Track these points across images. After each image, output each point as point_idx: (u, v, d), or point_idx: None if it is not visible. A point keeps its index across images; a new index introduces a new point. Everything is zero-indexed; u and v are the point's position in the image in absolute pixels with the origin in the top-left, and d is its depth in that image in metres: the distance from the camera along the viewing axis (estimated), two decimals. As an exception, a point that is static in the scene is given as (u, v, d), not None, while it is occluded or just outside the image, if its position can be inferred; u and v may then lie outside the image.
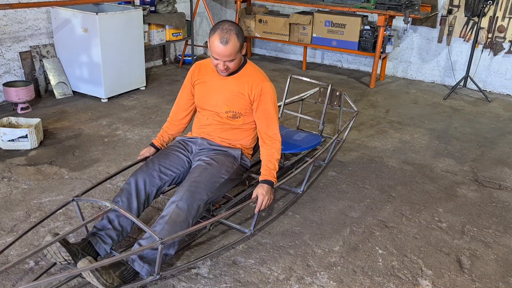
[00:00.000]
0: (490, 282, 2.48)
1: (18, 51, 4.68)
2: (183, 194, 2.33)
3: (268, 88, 2.53)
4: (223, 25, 2.34)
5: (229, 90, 2.54)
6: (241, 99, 2.54)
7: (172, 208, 2.29)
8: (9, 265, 1.88)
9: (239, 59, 2.47)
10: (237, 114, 2.57)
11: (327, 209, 3.08)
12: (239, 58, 2.46)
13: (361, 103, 5.24)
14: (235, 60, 2.42)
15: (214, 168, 2.48)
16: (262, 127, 2.59)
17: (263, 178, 2.54)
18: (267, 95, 2.52)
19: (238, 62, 2.46)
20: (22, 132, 3.64)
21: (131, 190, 2.43)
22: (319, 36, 6.14)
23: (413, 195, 3.32)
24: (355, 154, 3.94)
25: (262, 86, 2.51)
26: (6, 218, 2.82)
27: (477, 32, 5.46)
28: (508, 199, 3.33)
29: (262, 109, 2.55)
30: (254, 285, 2.37)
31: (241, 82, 2.52)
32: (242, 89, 2.52)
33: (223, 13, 7.42)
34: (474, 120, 4.89)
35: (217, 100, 2.57)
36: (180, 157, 2.62)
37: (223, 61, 2.39)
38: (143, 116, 4.54)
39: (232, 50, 2.34)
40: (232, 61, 2.40)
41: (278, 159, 2.59)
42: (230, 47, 2.33)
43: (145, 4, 5.55)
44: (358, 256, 2.63)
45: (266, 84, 2.52)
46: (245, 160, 2.71)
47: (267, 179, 2.54)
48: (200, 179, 2.41)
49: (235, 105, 2.55)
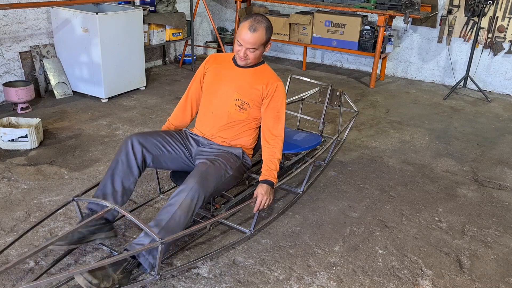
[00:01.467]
0: (490, 282, 2.48)
1: (18, 51, 4.68)
2: (193, 183, 2.29)
3: (282, 88, 2.60)
4: (256, 16, 2.44)
5: (243, 80, 2.57)
6: (253, 90, 2.56)
7: (182, 197, 2.26)
8: (9, 265, 1.89)
9: (260, 53, 2.50)
10: (245, 104, 2.56)
11: (327, 209, 3.08)
12: (260, 51, 2.49)
13: (361, 103, 5.24)
14: (257, 52, 2.46)
15: (220, 163, 2.47)
16: (268, 124, 2.59)
17: (263, 178, 2.54)
18: (280, 93, 2.58)
19: (258, 55, 2.50)
20: (22, 132, 3.64)
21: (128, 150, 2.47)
22: (319, 36, 6.14)
23: (413, 195, 3.32)
24: (355, 154, 3.94)
25: (278, 84, 2.58)
26: (6, 218, 2.81)
27: (477, 32, 5.46)
28: (508, 199, 3.33)
29: (272, 106, 2.57)
30: (254, 285, 2.37)
31: (257, 77, 2.57)
32: (257, 83, 2.56)
33: (223, 13, 7.42)
34: (474, 120, 4.89)
35: (228, 88, 2.58)
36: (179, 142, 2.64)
37: (245, 48, 2.43)
38: (143, 116, 4.54)
39: (257, 39, 2.40)
40: (253, 50, 2.44)
41: (279, 159, 2.60)
42: (256, 36, 2.39)
43: (145, 4, 5.55)
44: (358, 256, 2.63)
45: (280, 84, 2.60)
46: (246, 159, 2.70)
47: (267, 179, 2.54)
48: (209, 170, 2.39)
49: (246, 95, 2.56)
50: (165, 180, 3.30)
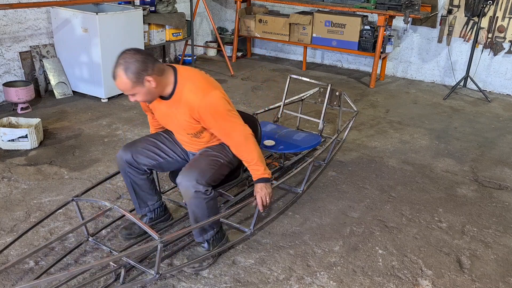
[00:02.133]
0: (490, 282, 2.48)
1: (18, 51, 4.68)
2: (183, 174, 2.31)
3: (206, 106, 2.26)
4: (118, 56, 2.14)
5: (176, 118, 2.38)
6: (190, 123, 2.36)
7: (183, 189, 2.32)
8: (9, 264, 1.89)
9: (146, 91, 2.19)
10: (198, 134, 2.43)
11: (327, 209, 3.08)
12: (144, 90, 2.18)
13: (361, 103, 5.24)
14: (140, 94, 2.19)
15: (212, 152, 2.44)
16: (224, 139, 2.44)
17: (255, 179, 2.48)
18: (207, 113, 2.28)
19: (146, 93, 2.20)
20: (22, 132, 3.64)
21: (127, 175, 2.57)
22: (319, 36, 6.14)
23: (413, 195, 3.32)
24: (355, 154, 3.94)
25: (199, 108, 2.25)
26: (6, 218, 2.82)
27: (477, 32, 5.46)
28: (508, 199, 3.33)
29: (211, 126, 2.36)
30: (254, 285, 2.37)
31: (180, 108, 2.31)
32: (185, 115, 2.32)
33: (223, 13, 7.42)
34: (474, 120, 4.89)
35: (174, 125, 2.47)
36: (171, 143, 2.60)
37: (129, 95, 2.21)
38: (143, 116, 4.54)
39: (123, 86, 2.15)
40: (134, 95, 2.20)
41: (257, 158, 2.41)
42: (119, 83, 2.15)
43: (145, 4, 5.54)
44: (358, 256, 2.63)
45: (202, 103, 2.25)
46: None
47: (258, 178, 2.46)
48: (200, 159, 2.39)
49: (190, 128, 2.39)
50: (165, 180, 3.31)
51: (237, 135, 2.37)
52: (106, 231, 2.73)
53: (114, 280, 2.31)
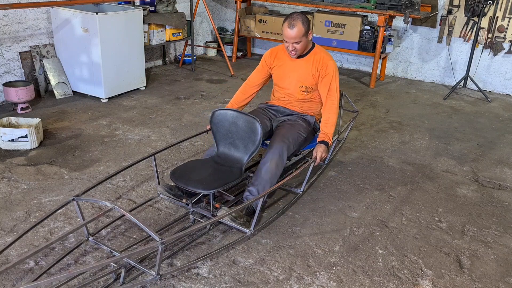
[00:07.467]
0: (490, 282, 2.48)
1: (18, 51, 4.68)
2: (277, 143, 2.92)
3: (331, 65, 3.06)
4: (292, 15, 2.93)
5: (301, 70, 3.09)
6: (311, 76, 3.08)
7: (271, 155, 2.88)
8: (9, 265, 1.89)
9: (305, 43, 2.97)
10: (309, 89, 3.12)
11: (327, 209, 3.09)
12: (305, 41, 2.96)
13: (361, 103, 5.24)
14: (301, 43, 2.94)
15: (296, 127, 3.09)
16: (323, 95, 3.10)
17: (320, 139, 3.05)
18: (330, 70, 3.05)
19: (304, 45, 2.98)
20: (22, 132, 3.64)
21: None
22: (319, 36, 6.14)
23: (413, 195, 3.32)
24: (355, 154, 3.94)
25: (328, 64, 3.05)
26: (6, 218, 2.82)
27: (477, 32, 5.46)
28: (508, 199, 3.33)
29: (325, 81, 3.06)
30: (254, 285, 2.37)
31: (311, 63, 3.07)
32: (312, 68, 3.06)
33: (223, 13, 7.42)
34: (474, 120, 4.89)
35: (291, 80, 3.13)
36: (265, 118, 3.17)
37: (292, 43, 2.93)
38: (143, 116, 4.54)
39: (297, 33, 2.89)
40: (298, 43, 2.93)
41: (334, 123, 3.07)
42: (296, 31, 2.88)
43: (145, 4, 5.55)
44: (358, 256, 2.63)
45: (330, 62, 3.07)
46: (316, 125, 3.25)
47: (323, 140, 3.04)
48: (288, 132, 3.02)
49: (306, 82, 3.10)
50: (165, 180, 3.31)
51: (336, 97, 3.10)
52: (106, 230, 2.73)
53: (114, 280, 2.31)
